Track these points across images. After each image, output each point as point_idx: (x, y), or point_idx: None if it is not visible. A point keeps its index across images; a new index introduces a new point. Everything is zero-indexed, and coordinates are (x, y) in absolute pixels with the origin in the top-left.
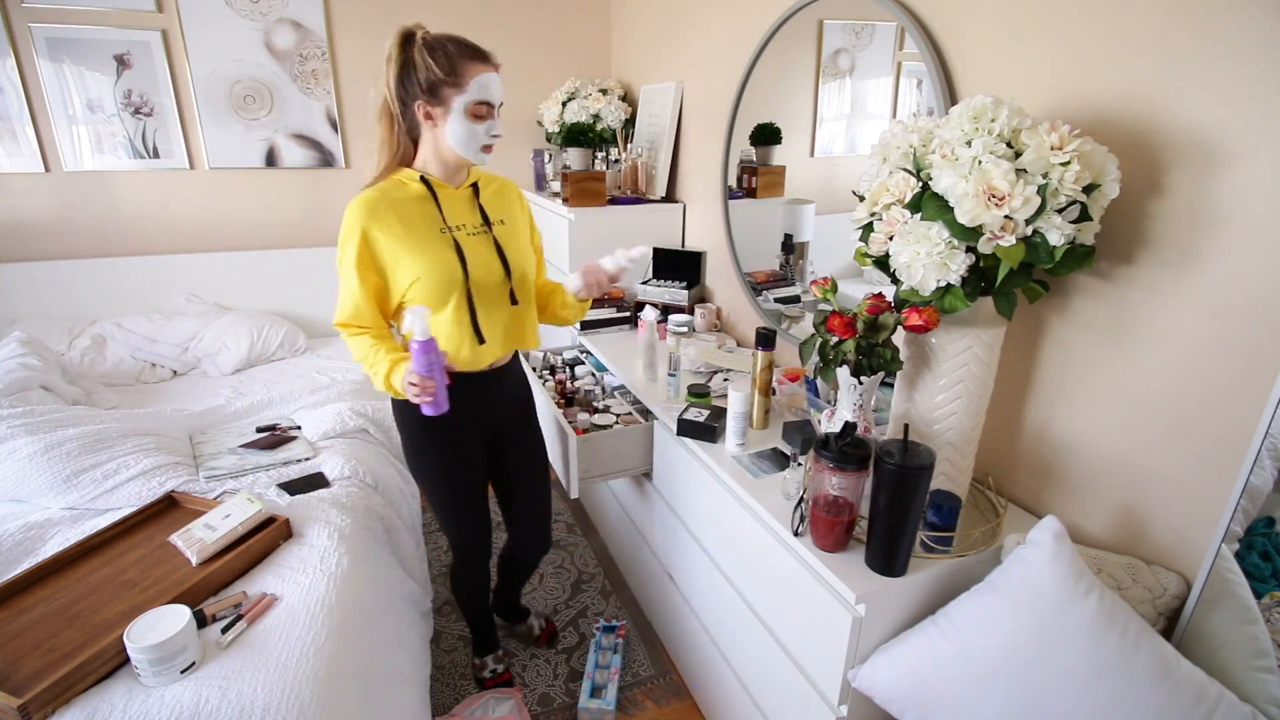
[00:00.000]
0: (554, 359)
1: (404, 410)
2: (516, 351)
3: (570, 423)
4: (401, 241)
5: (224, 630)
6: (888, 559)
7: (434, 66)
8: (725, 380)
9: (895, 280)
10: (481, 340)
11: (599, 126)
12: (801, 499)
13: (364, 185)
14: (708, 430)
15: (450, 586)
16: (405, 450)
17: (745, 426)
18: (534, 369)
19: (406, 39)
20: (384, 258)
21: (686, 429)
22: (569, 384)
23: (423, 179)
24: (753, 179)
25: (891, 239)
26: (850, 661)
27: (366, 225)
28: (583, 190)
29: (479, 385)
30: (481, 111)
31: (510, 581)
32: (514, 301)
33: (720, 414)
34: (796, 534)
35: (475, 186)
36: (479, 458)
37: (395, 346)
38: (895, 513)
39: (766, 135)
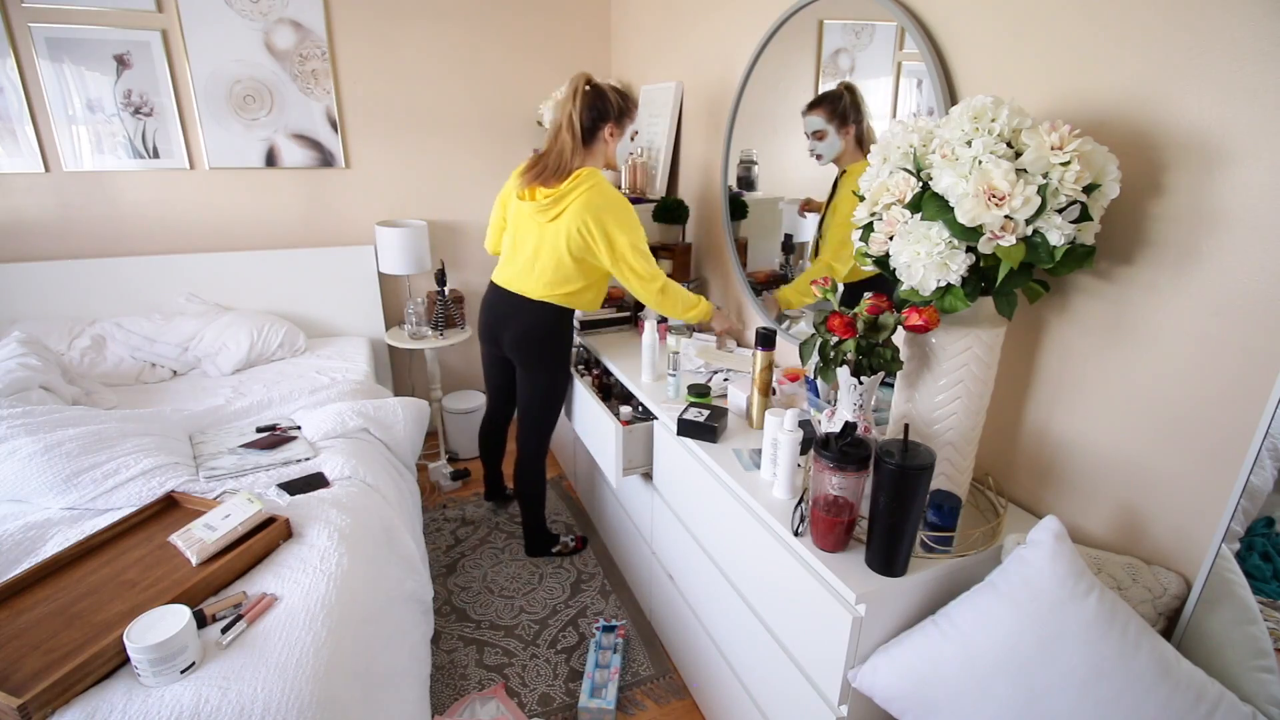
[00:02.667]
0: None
1: (568, 340)
2: None
3: (614, 415)
4: None
5: (224, 630)
6: (888, 559)
7: (624, 105)
8: (725, 380)
9: (895, 280)
10: None
11: None
12: (802, 499)
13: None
14: (708, 430)
15: (535, 483)
16: (557, 376)
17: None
18: (572, 364)
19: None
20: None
21: (687, 429)
22: (604, 378)
23: None
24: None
25: (891, 239)
26: (850, 661)
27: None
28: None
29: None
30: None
31: (497, 461)
32: None
33: (721, 414)
34: (797, 534)
35: None
36: None
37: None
38: (895, 513)
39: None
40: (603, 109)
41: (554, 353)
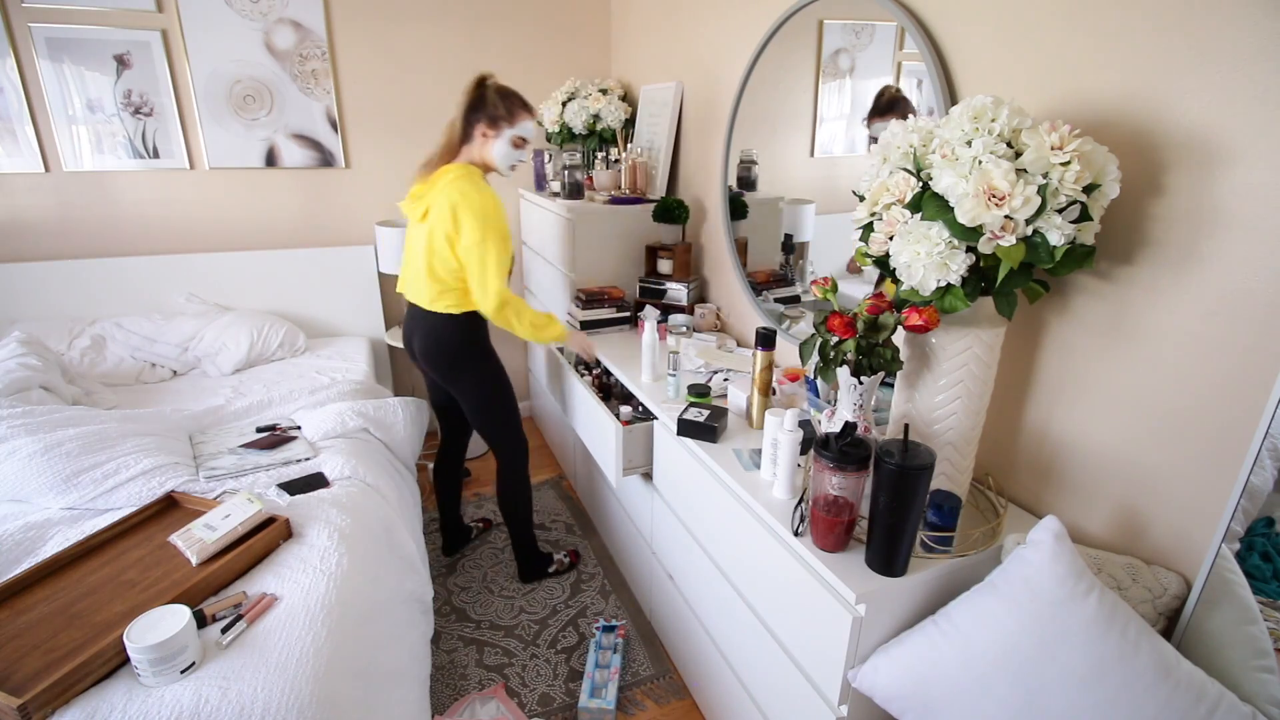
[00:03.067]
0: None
1: (480, 346)
2: None
3: (614, 415)
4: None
5: (224, 630)
6: (888, 559)
7: (503, 105)
8: (725, 380)
9: (895, 280)
10: None
11: (599, 127)
12: (801, 499)
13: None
14: (708, 430)
15: (515, 504)
16: (485, 379)
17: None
18: (570, 363)
19: (479, 82)
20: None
21: (687, 429)
22: (604, 378)
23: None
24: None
25: (891, 239)
26: (850, 661)
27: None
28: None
29: None
30: (518, 143)
31: (453, 498)
32: None
33: (721, 414)
34: (797, 534)
35: None
36: None
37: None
38: (895, 513)
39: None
40: (479, 106)
41: (468, 355)
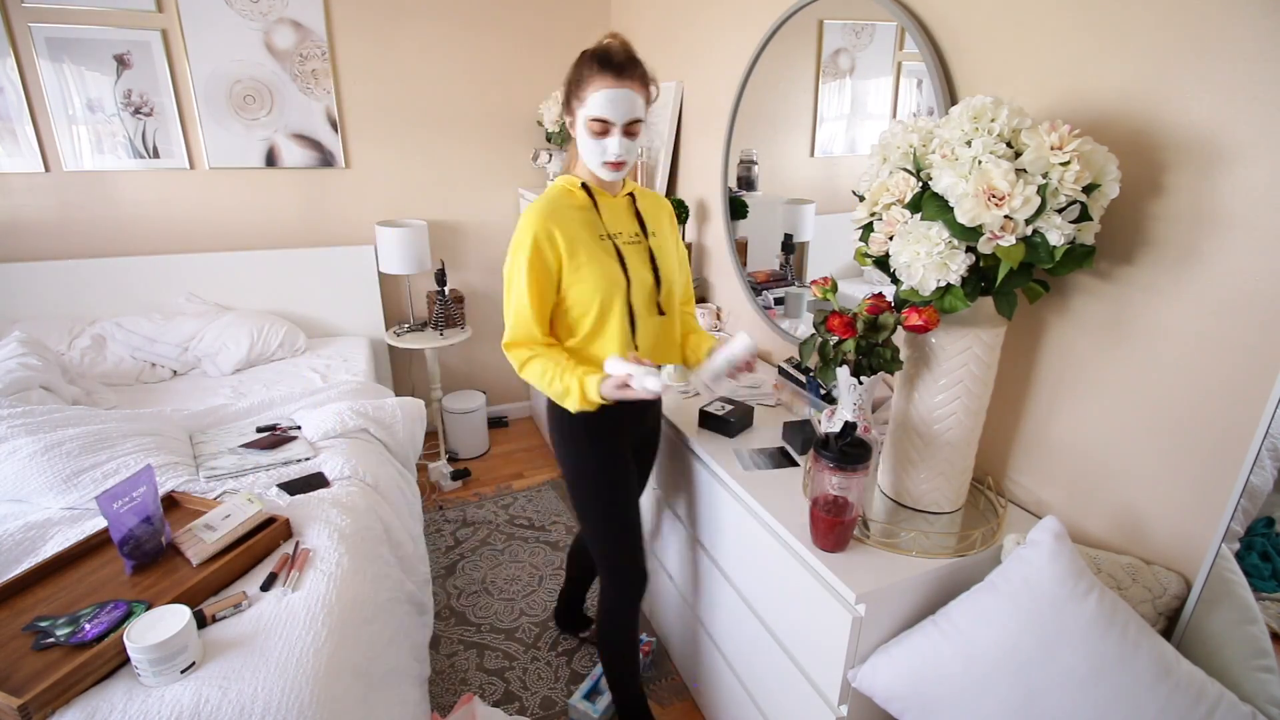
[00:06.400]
0: None
1: (568, 425)
2: None
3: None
4: (568, 248)
5: (263, 588)
6: None
7: (570, 76)
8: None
9: (895, 280)
10: (636, 347)
11: None
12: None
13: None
14: (724, 424)
15: (607, 647)
16: (569, 469)
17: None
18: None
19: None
20: (554, 265)
21: (707, 422)
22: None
23: (584, 186)
24: None
25: (891, 239)
26: (850, 661)
27: (539, 231)
28: None
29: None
30: (596, 129)
31: (581, 584)
32: (661, 313)
33: (746, 411)
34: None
35: (632, 196)
36: (632, 470)
37: (568, 359)
38: None
39: None
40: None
41: (557, 427)
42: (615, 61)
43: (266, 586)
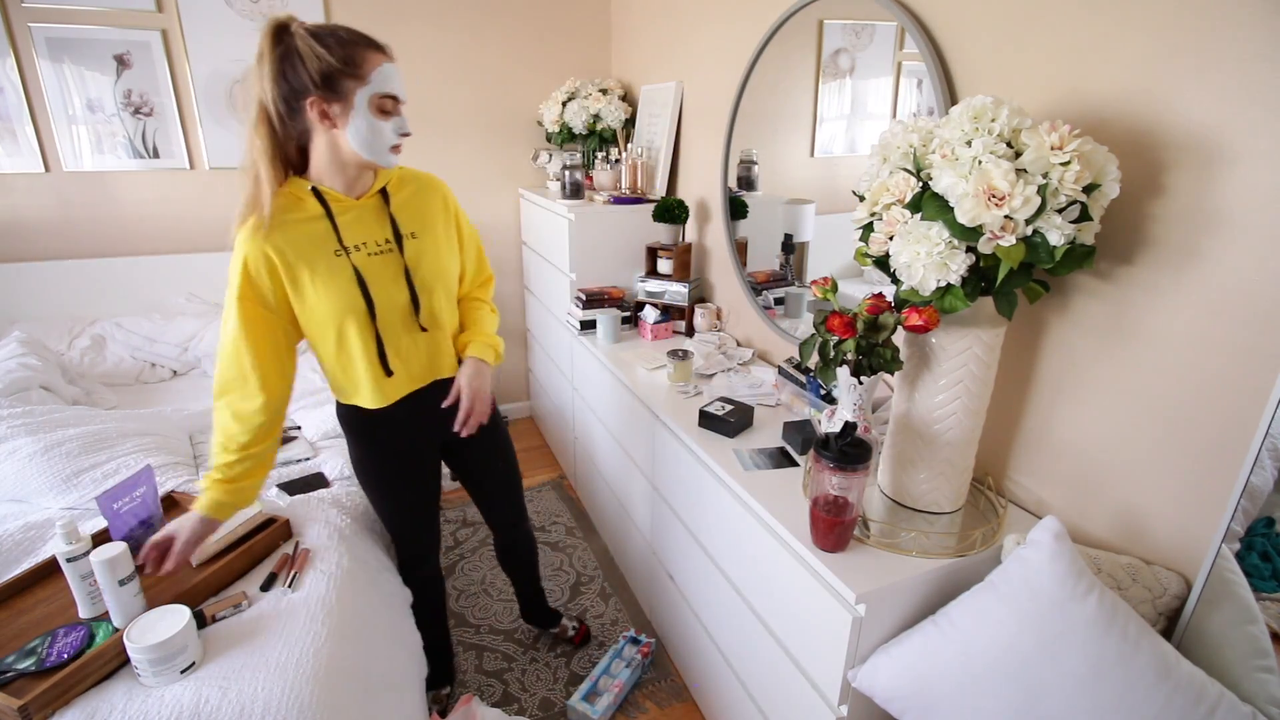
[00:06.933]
0: None
1: (345, 418)
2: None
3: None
4: (289, 273)
5: (262, 589)
6: None
7: (327, 55)
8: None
9: (895, 280)
10: (389, 373)
11: (599, 127)
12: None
13: (243, 206)
14: (724, 424)
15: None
16: (351, 458)
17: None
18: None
19: (280, 31)
20: (273, 297)
21: (707, 421)
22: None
23: (315, 191)
24: None
25: (891, 239)
26: (850, 661)
27: (250, 258)
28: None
29: (409, 408)
30: (387, 106)
31: (523, 583)
32: (423, 329)
33: (745, 411)
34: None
35: (384, 193)
36: (427, 466)
37: (249, 448)
38: None
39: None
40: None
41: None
42: (376, 39)
43: (266, 587)
